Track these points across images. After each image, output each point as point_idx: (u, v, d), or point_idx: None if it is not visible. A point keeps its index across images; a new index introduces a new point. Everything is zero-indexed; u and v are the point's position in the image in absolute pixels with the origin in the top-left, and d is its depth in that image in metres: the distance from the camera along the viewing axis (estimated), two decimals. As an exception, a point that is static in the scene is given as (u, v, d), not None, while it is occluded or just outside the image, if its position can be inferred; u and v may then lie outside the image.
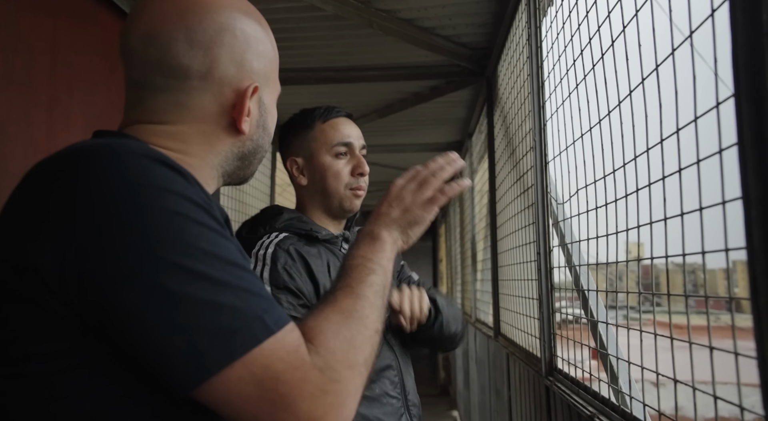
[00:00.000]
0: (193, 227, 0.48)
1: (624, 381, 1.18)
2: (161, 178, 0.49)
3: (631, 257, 1.13)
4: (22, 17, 1.56)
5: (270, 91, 0.68)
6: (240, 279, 0.48)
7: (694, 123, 0.78)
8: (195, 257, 0.46)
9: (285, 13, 2.26)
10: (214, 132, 0.62)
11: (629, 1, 1.03)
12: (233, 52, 0.61)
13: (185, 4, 0.60)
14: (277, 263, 1.03)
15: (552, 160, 1.64)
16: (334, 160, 1.17)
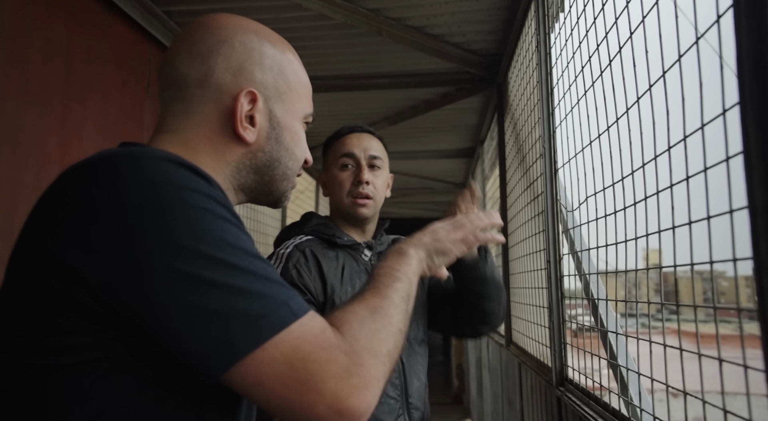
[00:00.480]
0: (218, 222, 0.50)
1: (635, 392, 1.15)
2: (184, 178, 0.51)
3: (643, 266, 1.11)
4: (37, 28, 1.60)
5: (287, 107, 0.68)
6: (264, 270, 0.51)
7: (701, 130, 0.77)
8: (223, 249, 0.49)
9: (295, 22, 2.28)
10: (220, 140, 0.64)
11: (636, 8, 1.02)
12: (229, 61, 0.64)
13: (195, 27, 0.66)
14: (289, 262, 1.14)
15: (561, 168, 1.63)
16: (339, 172, 1.27)
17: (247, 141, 0.64)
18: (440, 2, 2.15)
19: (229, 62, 0.63)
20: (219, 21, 0.66)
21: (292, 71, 0.69)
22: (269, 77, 0.66)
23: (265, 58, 0.66)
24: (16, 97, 1.51)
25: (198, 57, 0.63)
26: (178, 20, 2.27)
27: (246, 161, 0.66)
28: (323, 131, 1.40)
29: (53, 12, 1.66)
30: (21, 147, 1.53)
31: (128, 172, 0.50)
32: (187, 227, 0.48)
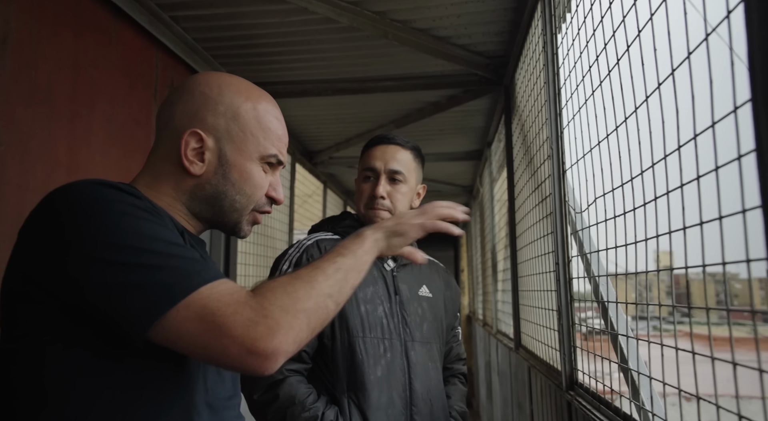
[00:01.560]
0: (135, 220, 0.64)
1: (646, 397, 1.13)
2: (109, 194, 0.66)
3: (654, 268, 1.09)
4: (45, 35, 1.61)
5: (238, 149, 0.78)
6: (178, 251, 0.64)
7: (711, 129, 0.76)
8: (140, 239, 0.62)
9: (301, 25, 2.28)
10: (178, 172, 0.77)
11: (644, 6, 1.01)
12: (186, 107, 0.77)
13: (184, 80, 0.82)
14: (305, 253, 1.25)
15: (570, 169, 1.61)
16: (361, 184, 1.35)
17: (193, 173, 0.76)
18: (446, 4, 2.15)
19: (187, 108, 0.77)
20: (195, 77, 0.81)
21: (252, 117, 0.79)
22: (221, 121, 0.77)
23: (219, 105, 0.78)
24: (25, 104, 1.52)
25: (170, 104, 0.79)
26: (184, 26, 2.28)
27: (197, 192, 0.78)
28: (330, 134, 1.42)
29: (61, 19, 1.67)
30: (29, 153, 1.53)
31: (69, 195, 0.65)
32: (111, 227, 0.62)
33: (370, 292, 1.26)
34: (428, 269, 1.43)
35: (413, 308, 1.31)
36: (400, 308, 1.29)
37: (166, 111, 0.79)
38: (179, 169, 0.77)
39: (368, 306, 1.23)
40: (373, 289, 1.27)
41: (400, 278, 1.33)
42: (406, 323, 1.28)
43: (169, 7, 2.12)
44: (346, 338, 1.19)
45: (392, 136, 1.37)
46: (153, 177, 0.78)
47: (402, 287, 1.32)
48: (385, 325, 1.24)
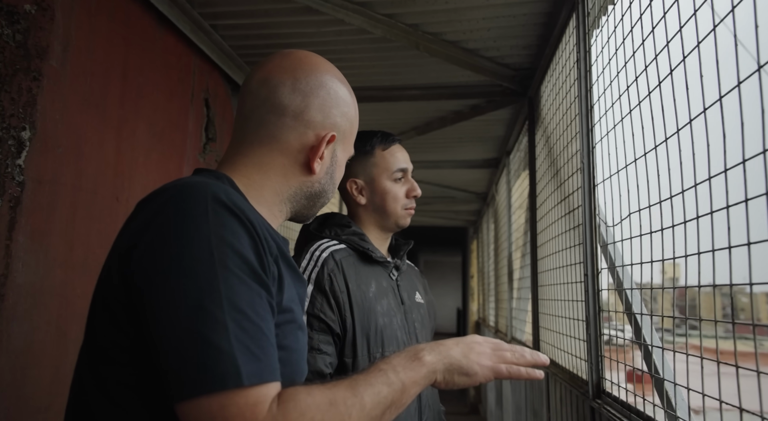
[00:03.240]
0: (221, 271, 0.57)
1: (683, 410, 1.17)
2: (216, 223, 0.59)
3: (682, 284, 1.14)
4: (99, 43, 1.67)
5: (344, 149, 0.80)
6: (242, 328, 0.55)
7: (742, 165, 0.80)
8: (211, 298, 0.55)
9: (335, 35, 2.34)
10: (291, 166, 0.74)
11: (691, 31, 1.05)
12: (324, 105, 0.75)
13: (299, 63, 0.76)
14: (325, 267, 1.17)
15: (601, 183, 1.66)
16: (393, 185, 1.31)
17: (315, 172, 0.75)
18: (478, 18, 2.20)
19: (324, 105, 0.75)
20: (320, 65, 0.77)
21: (356, 119, 0.81)
22: (344, 123, 0.78)
23: (346, 106, 0.78)
24: (80, 109, 1.58)
25: (300, 93, 0.74)
26: (223, 33, 2.34)
27: (304, 188, 0.76)
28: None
29: (113, 26, 1.74)
30: (82, 156, 1.60)
31: (177, 208, 0.60)
32: (192, 271, 0.56)
33: (385, 304, 1.23)
34: (414, 273, 1.42)
35: (415, 316, 1.30)
36: (407, 318, 1.28)
37: (297, 100, 0.73)
38: (296, 165, 0.74)
39: (385, 319, 1.20)
40: (387, 301, 1.24)
41: (401, 286, 1.32)
42: (414, 333, 1.28)
43: (211, 16, 2.18)
44: (366, 355, 1.15)
45: (398, 137, 1.37)
46: (261, 171, 0.73)
47: (404, 296, 1.30)
48: (400, 337, 1.22)
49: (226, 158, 0.76)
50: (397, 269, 1.32)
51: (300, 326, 0.70)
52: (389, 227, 1.33)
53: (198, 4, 2.09)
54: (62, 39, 1.50)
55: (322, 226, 1.29)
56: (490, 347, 0.75)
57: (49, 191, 1.47)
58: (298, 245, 1.30)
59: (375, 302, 1.20)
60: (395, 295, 1.28)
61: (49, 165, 1.47)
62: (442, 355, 0.72)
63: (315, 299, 1.13)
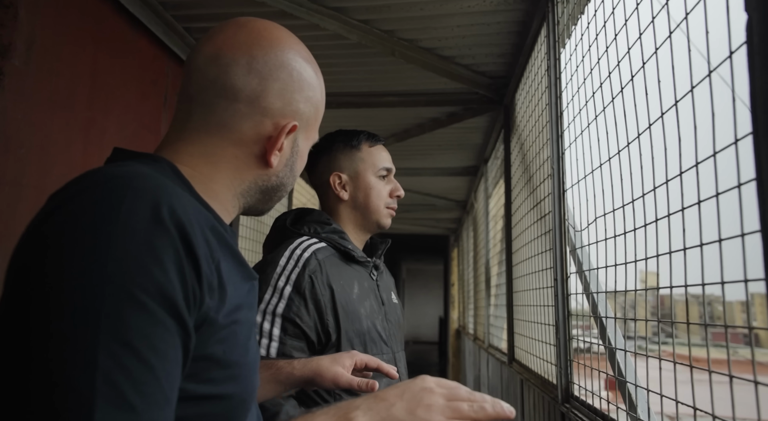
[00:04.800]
0: (111, 290, 0.44)
1: (643, 411, 1.18)
2: (130, 235, 0.46)
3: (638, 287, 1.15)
4: (67, 43, 1.65)
5: (307, 137, 0.70)
6: (121, 366, 0.43)
7: (713, 158, 0.82)
8: (86, 323, 0.43)
9: (311, 41, 2.34)
10: (245, 159, 0.64)
11: (649, 39, 1.08)
12: (284, 89, 0.64)
13: (256, 36, 0.65)
14: (306, 268, 1.11)
15: (570, 188, 1.68)
16: (378, 181, 1.29)
17: (272, 165, 0.66)
18: (452, 26, 2.22)
19: (284, 90, 0.64)
20: (281, 41, 0.66)
21: (322, 104, 0.71)
22: (307, 110, 0.67)
23: (310, 90, 0.67)
24: (45, 109, 1.56)
25: (257, 75, 0.63)
26: (197, 36, 2.33)
27: (259, 182, 0.67)
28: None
29: (82, 27, 1.72)
30: (48, 156, 1.57)
31: (76, 216, 0.47)
32: (87, 304, 0.44)
33: (368, 306, 1.20)
34: (387, 272, 1.39)
35: (393, 318, 1.28)
36: (388, 320, 1.25)
37: (253, 83, 0.63)
38: (250, 158, 0.64)
39: (369, 322, 1.17)
40: (369, 302, 1.21)
41: (381, 286, 1.30)
42: (394, 334, 1.26)
43: (185, 18, 2.17)
44: None
45: (379, 136, 1.35)
46: (209, 162, 0.63)
47: (384, 297, 1.28)
48: (383, 338, 1.20)
49: (166, 143, 0.64)
50: (377, 268, 1.29)
51: (248, 335, 0.61)
52: (369, 226, 1.29)
53: (171, 6, 2.08)
54: (26, 38, 1.48)
55: (299, 222, 1.24)
56: (443, 397, 0.63)
57: (11, 193, 1.44)
58: (270, 242, 1.25)
59: (358, 304, 1.17)
60: (376, 296, 1.25)
61: (11, 166, 1.44)
62: (380, 415, 0.60)
63: (292, 301, 1.08)
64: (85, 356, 0.42)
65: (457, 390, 0.64)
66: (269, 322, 1.06)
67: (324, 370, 0.92)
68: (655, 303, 1.08)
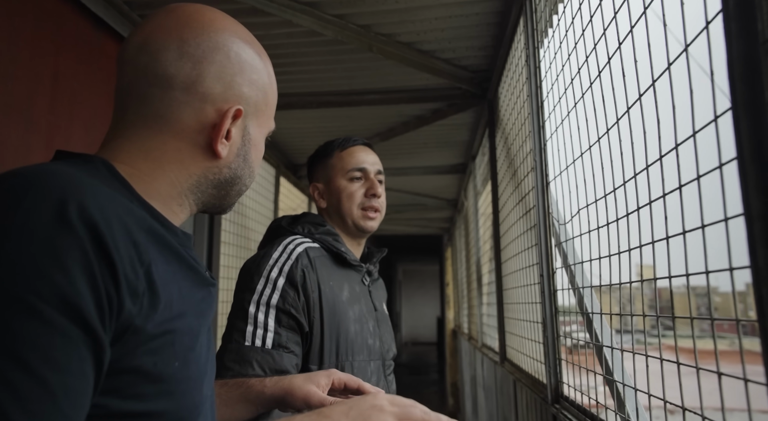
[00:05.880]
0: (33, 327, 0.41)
1: (631, 409, 1.12)
2: (26, 236, 0.43)
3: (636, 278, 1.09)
4: (24, 46, 1.58)
5: (259, 124, 0.66)
6: (7, 382, 0.39)
7: (693, 138, 0.76)
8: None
9: (286, 38, 2.28)
10: (190, 152, 0.60)
11: (624, 19, 1.02)
12: (223, 72, 0.60)
13: (186, 20, 0.61)
14: (299, 261, 1.12)
15: (553, 181, 1.62)
16: (348, 184, 1.26)
17: (221, 156, 0.61)
18: (430, 18, 2.17)
19: (223, 73, 0.60)
20: (214, 22, 0.62)
21: (271, 88, 0.67)
22: (253, 94, 0.64)
23: (254, 72, 0.63)
24: (1, 114, 1.49)
25: (190, 59, 0.59)
26: (167, 37, 2.27)
27: (209, 175, 0.62)
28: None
29: (41, 30, 1.65)
30: (4, 163, 1.50)
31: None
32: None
33: (357, 310, 1.18)
34: (381, 284, 1.38)
35: (384, 326, 1.27)
36: (380, 325, 1.24)
37: (186, 68, 0.59)
38: (195, 149, 0.60)
39: (357, 326, 1.16)
40: (359, 306, 1.20)
41: (373, 292, 1.29)
42: (384, 342, 1.24)
43: (152, 18, 2.10)
44: (334, 362, 1.10)
45: (363, 139, 1.34)
46: (149, 158, 0.58)
47: (377, 303, 1.27)
48: (371, 345, 1.18)
49: (105, 142, 0.61)
50: (370, 274, 1.28)
51: (190, 346, 0.55)
52: (352, 231, 1.27)
53: (137, 5, 2.01)
54: (-23, 39, 1.41)
55: (295, 222, 1.25)
56: (394, 416, 0.60)
57: (-34, 202, 1.37)
58: (265, 240, 1.26)
59: (347, 306, 1.16)
60: (368, 301, 1.24)
61: (-36, 174, 1.37)
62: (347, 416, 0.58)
63: (287, 293, 1.07)
64: None
65: (411, 409, 0.59)
66: (263, 313, 1.06)
67: (296, 388, 0.86)
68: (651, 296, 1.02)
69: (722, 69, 0.65)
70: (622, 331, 1.35)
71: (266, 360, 1.01)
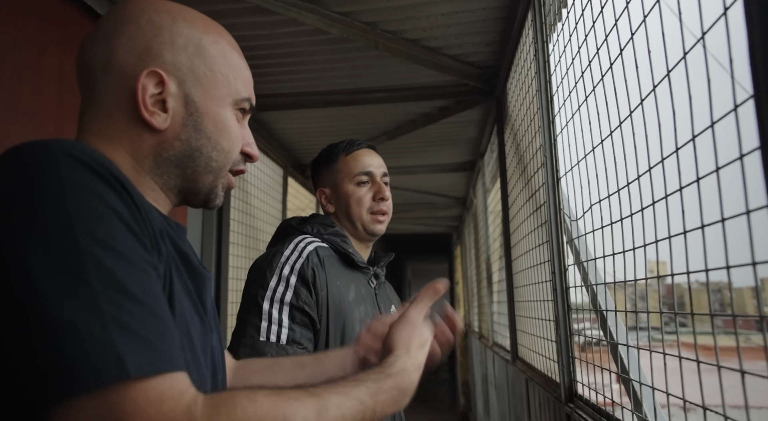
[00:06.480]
0: (86, 244, 0.45)
1: (648, 408, 1.10)
2: (73, 186, 0.47)
3: (651, 275, 1.06)
4: (29, 49, 1.58)
5: (207, 91, 0.63)
6: (124, 309, 0.44)
7: (711, 129, 0.74)
8: (76, 278, 0.43)
9: (291, 37, 2.27)
10: (133, 130, 0.59)
11: (637, 7, 0.99)
12: (134, 41, 0.60)
13: (108, 11, 0.64)
14: (310, 259, 1.13)
15: (564, 176, 1.59)
16: (356, 188, 1.28)
17: (156, 127, 0.59)
18: (436, 14, 2.14)
19: (134, 42, 0.59)
20: (130, 3, 0.62)
21: (218, 52, 0.64)
22: (183, 58, 0.61)
23: (177, 36, 0.61)
24: (7, 117, 1.49)
25: (102, 39, 0.60)
26: (173, 38, 2.26)
27: (163, 153, 0.61)
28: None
29: (46, 33, 1.65)
30: (12, 166, 1.50)
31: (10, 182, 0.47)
32: (67, 260, 0.44)
33: (363, 311, 1.19)
34: (389, 288, 1.38)
35: None
36: None
37: (99, 49, 0.59)
38: (135, 125, 0.59)
39: (362, 326, 1.15)
40: (365, 307, 1.20)
41: (379, 295, 1.28)
42: None
43: (158, 19, 2.10)
44: None
45: (367, 142, 1.34)
46: (102, 141, 0.59)
47: (382, 306, 1.27)
48: None
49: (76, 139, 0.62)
50: (377, 277, 1.29)
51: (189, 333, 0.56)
52: (361, 235, 1.29)
53: (142, 7, 2.01)
54: (-18, 43, 1.41)
55: (305, 223, 1.27)
56: (415, 348, 0.75)
57: (-26, 206, 1.37)
58: (275, 239, 1.27)
59: (353, 307, 1.16)
60: (374, 303, 1.24)
61: (-28, 177, 1.37)
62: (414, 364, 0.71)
63: (299, 290, 1.09)
64: (88, 307, 0.42)
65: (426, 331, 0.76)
66: (277, 310, 1.08)
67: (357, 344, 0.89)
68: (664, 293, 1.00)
69: (741, 57, 0.63)
70: (637, 328, 1.32)
71: (281, 355, 1.03)
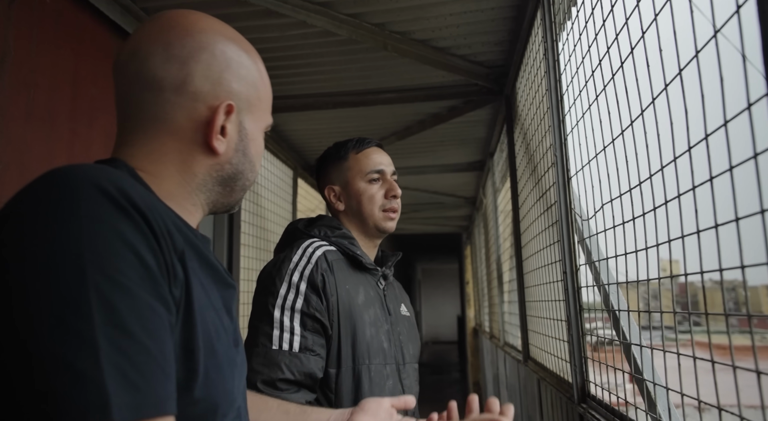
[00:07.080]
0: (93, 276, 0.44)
1: (663, 408, 1.09)
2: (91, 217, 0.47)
3: (664, 274, 1.06)
4: (44, 54, 1.60)
5: (254, 119, 0.68)
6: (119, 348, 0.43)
7: (724, 127, 0.73)
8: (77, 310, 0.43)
9: (300, 39, 2.28)
10: (189, 151, 0.62)
11: (648, 6, 0.99)
12: (210, 70, 0.62)
13: (171, 25, 0.63)
14: (319, 265, 1.13)
15: (575, 175, 1.59)
16: (368, 186, 1.27)
17: (218, 152, 0.63)
18: (445, 15, 2.14)
19: (209, 71, 0.62)
20: (197, 23, 0.64)
21: (262, 82, 0.69)
22: (243, 89, 0.66)
23: (242, 68, 0.65)
24: (23, 122, 1.51)
25: (176, 60, 0.61)
26: (184, 42, 2.28)
27: (213, 173, 0.65)
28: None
29: (60, 37, 1.67)
30: (28, 171, 1.52)
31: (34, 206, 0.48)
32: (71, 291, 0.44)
33: (372, 313, 1.18)
34: (398, 287, 1.38)
35: (401, 329, 1.26)
36: (393, 329, 1.23)
37: (174, 70, 0.61)
38: (193, 147, 0.62)
39: (372, 329, 1.16)
40: (374, 310, 1.20)
41: (388, 296, 1.28)
42: (400, 346, 1.23)
43: (168, 23, 2.12)
44: (351, 366, 1.11)
45: (375, 140, 1.35)
46: (154, 161, 0.61)
47: (390, 307, 1.26)
48: (386, 349, 1.18)
49: (113, 152, 0.64)
50: (385, 278, 1.28)
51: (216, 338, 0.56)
52: (371, 233, 1.28)
53: (153, 11, 2.03)
54: (-2, 49, 1.43)
55: (312, 225, 1.27)
56: None
57: (-9, 209, 1.39)
58: (283, 243, 1.27)
59: (363, 310, 1.16)
60: (382, 305, 1.24)
61: (-11, 182, 1.39)
62: None
63: (310, 297, 1.09)
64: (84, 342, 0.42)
65: None
66: (288, 317, 1.08)
67: None
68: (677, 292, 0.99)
69: (755, 55, 0.62)
70: (650, 327, 1.31)
71: (294, 363, 1.03)
